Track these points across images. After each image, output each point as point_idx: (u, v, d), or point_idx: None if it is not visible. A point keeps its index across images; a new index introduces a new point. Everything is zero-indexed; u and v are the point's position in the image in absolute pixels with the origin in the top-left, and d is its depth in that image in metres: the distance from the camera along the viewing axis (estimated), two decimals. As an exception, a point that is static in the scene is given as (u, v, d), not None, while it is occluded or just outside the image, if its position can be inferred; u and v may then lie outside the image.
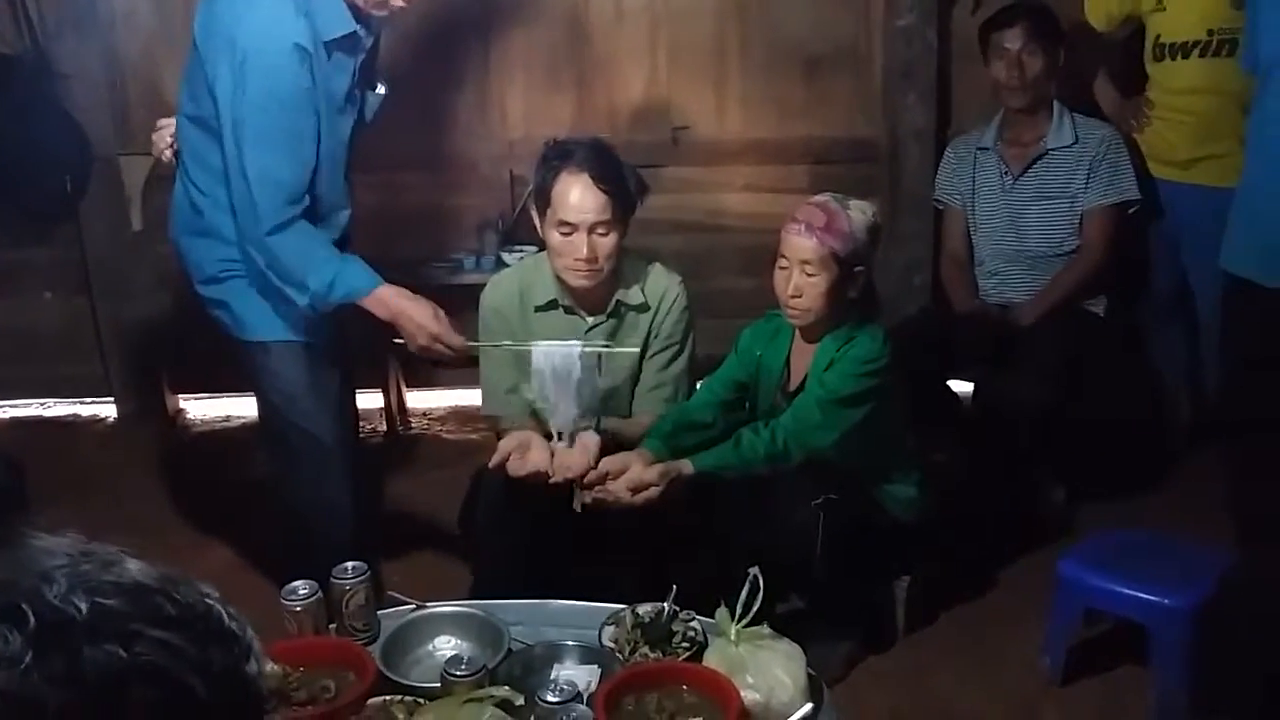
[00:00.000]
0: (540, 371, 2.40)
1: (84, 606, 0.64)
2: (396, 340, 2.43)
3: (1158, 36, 3.20)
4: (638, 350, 2.57)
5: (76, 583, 0.65)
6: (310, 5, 2.26)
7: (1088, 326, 3.22)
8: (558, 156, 2.47)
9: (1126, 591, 2.44)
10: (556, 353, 2.40)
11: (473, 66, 3.72)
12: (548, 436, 2.45)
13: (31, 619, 0.62)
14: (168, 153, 2.56)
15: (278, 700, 1.75)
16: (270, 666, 1.08)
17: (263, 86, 2.21)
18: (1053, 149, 3.21)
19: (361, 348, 2.63)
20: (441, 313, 2.39)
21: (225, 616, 0.72)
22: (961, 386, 3.37)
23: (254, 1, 2.24)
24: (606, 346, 2.48)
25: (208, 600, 0.71)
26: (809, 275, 2.38)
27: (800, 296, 2.40)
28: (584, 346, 2.42)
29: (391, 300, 2.37)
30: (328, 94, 2.32)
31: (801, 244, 2.38)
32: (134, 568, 0.68)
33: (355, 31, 2.32)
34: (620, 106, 3.74)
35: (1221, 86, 3.06)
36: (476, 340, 2.54)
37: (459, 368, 2.69)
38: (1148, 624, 2.42)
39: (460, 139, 3.76)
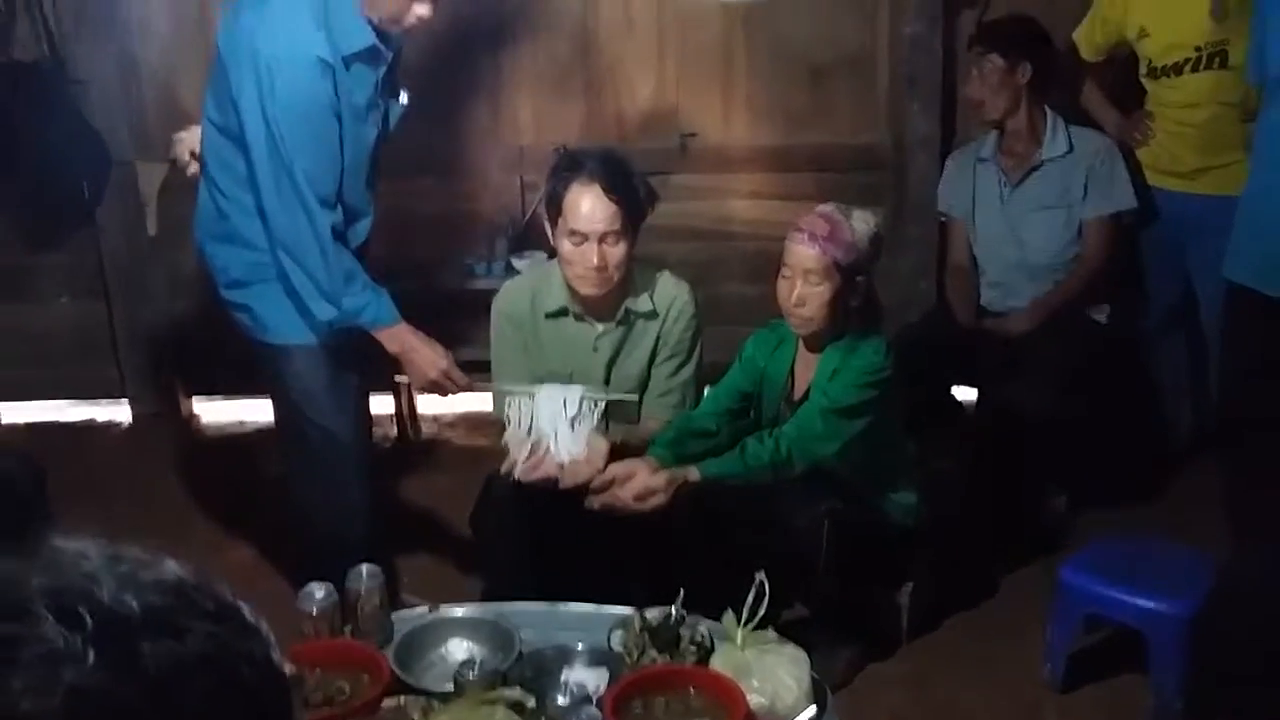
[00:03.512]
0: (540, 411, 2.50)
1: (135, 605, 0.67)
2: (399, 376, 2.55)
3: (1149, 60, 3.23)
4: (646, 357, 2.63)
5: (124, 583, 0.68)
6: (330, 20, 2.30)
7: (1090, 335, 3.25)
8: (569, 167, 2.51)
9: (1126, 599, 2.47)
10: (558, 395, 2.51)
11: (484, 74, 3.75)
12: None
13: (89, 620, 0.65)
14: (194, 165, 2.62)
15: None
16: (289, 667, 1.12)
17: (286, 98, 2.26)
18: (1048, 159, 3.23)
19: (373, 354, 2.68)
20: (448, 352, 2.50)
21: (248, 612, 0.75)
22: (965, 394, 3.40)
23: (276, 15, 2.28)
24: (606, 397, 2.57)
25: (231, 596, 0.75)
26: (812, 284, 2.42)
27: (803, 305, 2.43)
28: (585, 392, 2.52)
29: (405, 337, 2.45)
30: (350, 105, 2.37)
31: (804, 253, 2.41)
32: (170, 566, 0.72)
33: (375, 45, 2.37)
34: (629, 113, 3.78)
35: (1220, 97, 3.09)
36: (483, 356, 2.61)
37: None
38: (1147, 631, 2.45)
39: (471, 145, 3.80)
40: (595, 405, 2.54)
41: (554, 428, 2.50)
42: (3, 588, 0.67)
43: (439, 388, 2.53)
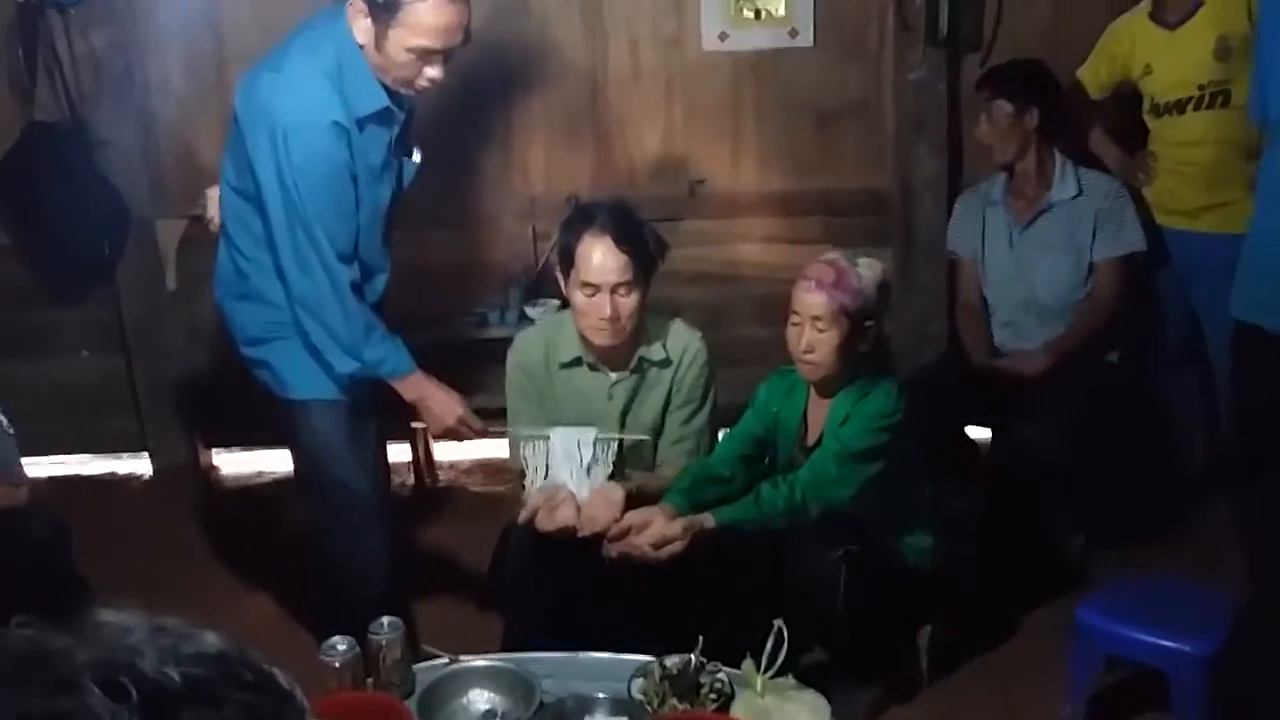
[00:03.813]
0: (555, 453, 2.54)
1: (177, 676, 0.70)
2: (416, 423, 2.60)
3: (1152, 98, 3.27)
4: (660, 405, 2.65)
5: (166, 655, 0.71)
6: (344, 83, 2.35)
7: (1101, 374, 3.27)
8: (580, 219, 2.55)
9: (1146, 638, 2.47)
10: (572, 437, 2.54)
11: (495, 126, 3.81)
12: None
13: (133, 691, 0.69)
14: (213, 224, 2.67)
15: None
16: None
17: (303, 162, 2.31)
18: (1056, 202, 3.27)
19: (389, 404, 2.72)
20: (463, 399, 2.55)
21: (283, 678, 0.78)
22: (979, 434, 3.41)
23: (292, 81, 2.34)
24: (620, 437, 2.59)
25: (267, 664, 0.78)
26: (820, 330, 2.45)
27: (813, 351, 2.46)
28: (598, 434, 2.54)
29: (422, 385, 2.50)
30: (365, 165, 2.42)
31: (812, 300, 2.45)
32: (211, 639, 0.75)
33: (388, 107, 2.42)
34: (638, 162, 3.83)
35: (1223, 136, 3.13)
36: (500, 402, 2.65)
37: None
38: (1168, 670, 2.45)
39: (483, 197, 3.85)
40: (609, 446, 2.56)
41: (569, 470, 2.53)
42: (53, 662, 0.70)
43: (455, 434, 2.58)
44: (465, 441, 2.66)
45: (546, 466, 2.56)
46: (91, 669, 0.70)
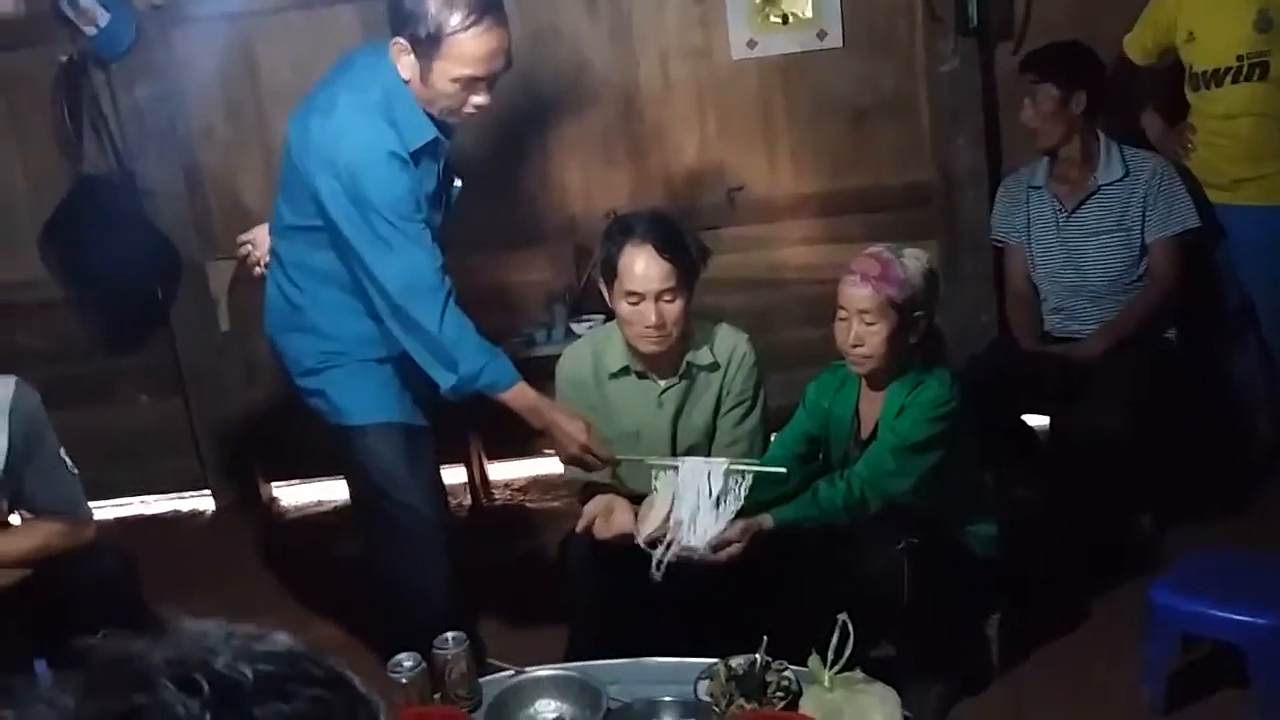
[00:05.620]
0: (683, 484, 2.43)
1: (249, 673, 0.73)
2: (547, 451, 2.52)
3: (1191, 66, 3.24)
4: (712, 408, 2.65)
5: (239, 654, 0.74)
6: (395, 118, 2.37)
7: (1160, 353, 3.22)
8: (621, 230, 2.57)
9: (1222, 614, 2.42)
10: (703, 469, 2.44)
11: (532, 148, 3.85)
12: (630, 499, 2.53)
13: (205, 686, 0.71)
14: (258, 267, 2.70)
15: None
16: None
17: (374, 192, 2.32)
18: (1104, 185, 3.23)
19: (442, 425, 2.73)
20: (590, 425, 2.49)
21: (357, 680, 0.80)
22: (1038, 421, 3.37)
23: (345, 121, 2.35)
24: (754, 469, 2.45)
25: (341, 668, 0.80)
26: (868, 324, 2.43)
27: (861, 345, 2.45)
28: (730, 464, 2.44)
29: (547, 413, 2.47)
30: (422, 194, 2.43)
31: (858, 294, 2.44)
32: (282, 638, 0.77)
33: (437, 138, 2.45)
34: (676, 173, 3.85)
35: (1259, 109, 3.12)
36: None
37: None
38: (1245, 645, 2.40)
39: (524, 218, 3.88)
40: (743, 478, 2.43)
41: (695, 503, 2.42)
42: (132, 662, 0.74)
43: (581, 461, 2.53)
44: (593, 470, 2.56)
45: (673, 500, 2.43)
46: (167, 667, 0.73)
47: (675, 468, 2.47)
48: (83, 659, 0.75)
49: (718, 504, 2.41)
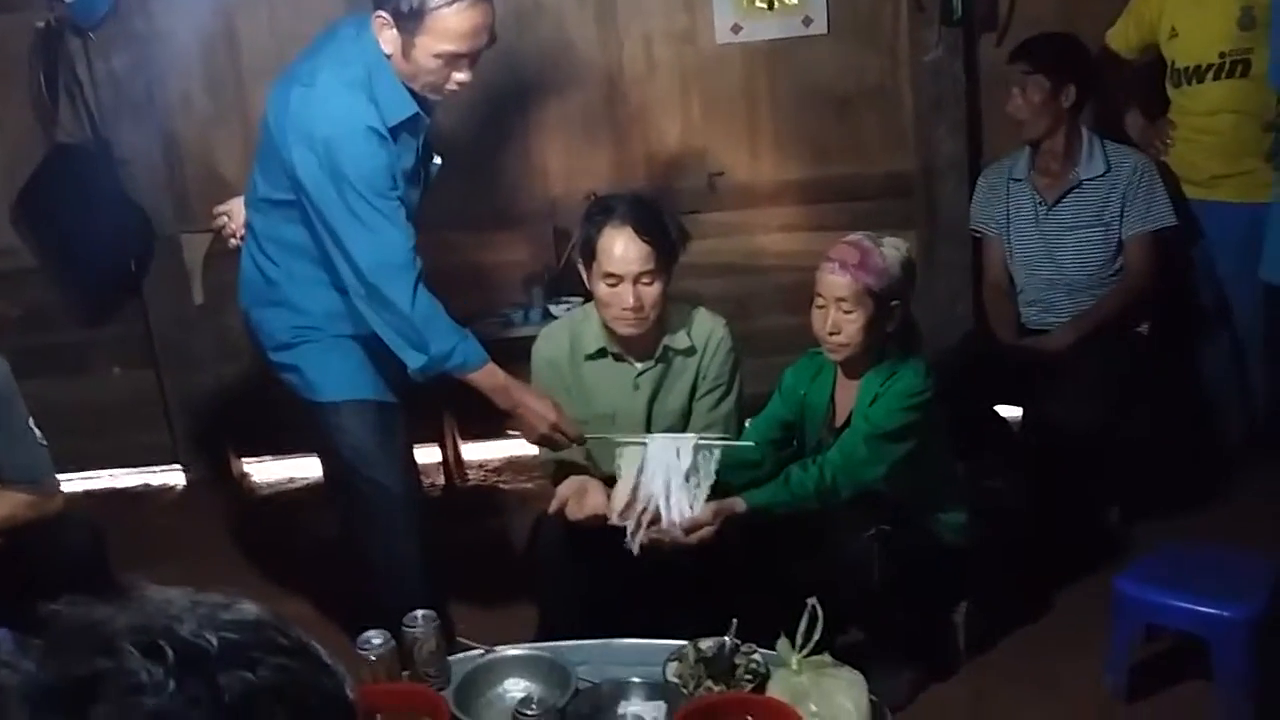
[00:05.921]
0: (651, 462, 2.42)
1: (214, 640, 0.73)
2: (512, 431, 2.56)
3: (1173, 62, 3.26)
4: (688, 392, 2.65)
5: (204, 621, 0.74)
6: (375, 93, 2.35)
7: (1132, 347, 3.24)
8: (601, 212, 2.56)
9: (1185, 605, 2.44)
10: (671, 445, 2.43)
11: (513, 128, 3.83)
12: (603, 480, 2.53)
13: (170, 653, 0.71)
14: (234, 239, 2.69)
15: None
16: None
17: (349, 167, 2.30)
18: (1086, 179, 3.23)
19: (416, 404, 2.72)
20: (559, 406, 2.49)
21: (324, 653, 0.80)
22: (1010, 412, 3.39)
23: (325, 94, 2.33)
24: (722, 444, 2.46)
25: (307, 639, 0.80)
26: (845, 312, 2.44)
27: (838, 333, 2.46)
28: (698, 439, 2.45)
29: (515, 393, 2.46)
30: (400, 170, 2.41)
31: (836, 282, 2.44)
32: (247, 607, 0.77)
33: (418, 114, 2.43)
34: (657, 156, 3.84)
35: (1238, 106, 3.14)
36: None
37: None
38: (1208, 637, 2.42)
39: (504, 197, 3.86)
40: (712, 454, 2.43)
41: (664, 479, 2.41)
42: (95, 629, 0.74)
43: (550, 441, 2.52)
44: (561, 450, 2.56)
45: (639, 476, 2.42)
46: (131, 633, 0.73)
47: (643, 444, 2.47)
48: (46, 624, 0.75)
49: (688, 478, 2.41)
